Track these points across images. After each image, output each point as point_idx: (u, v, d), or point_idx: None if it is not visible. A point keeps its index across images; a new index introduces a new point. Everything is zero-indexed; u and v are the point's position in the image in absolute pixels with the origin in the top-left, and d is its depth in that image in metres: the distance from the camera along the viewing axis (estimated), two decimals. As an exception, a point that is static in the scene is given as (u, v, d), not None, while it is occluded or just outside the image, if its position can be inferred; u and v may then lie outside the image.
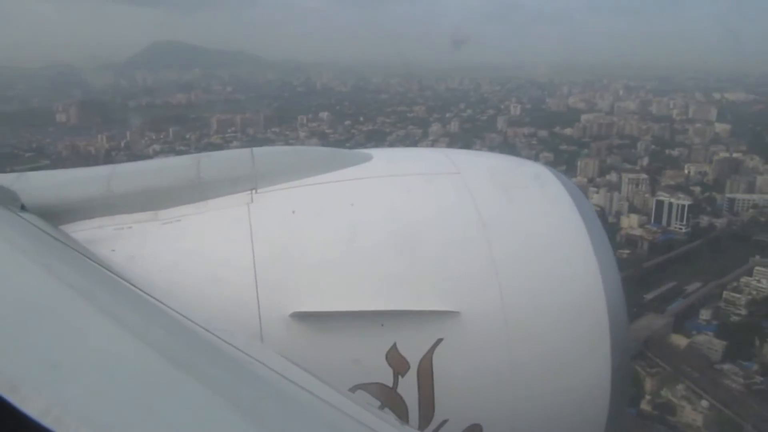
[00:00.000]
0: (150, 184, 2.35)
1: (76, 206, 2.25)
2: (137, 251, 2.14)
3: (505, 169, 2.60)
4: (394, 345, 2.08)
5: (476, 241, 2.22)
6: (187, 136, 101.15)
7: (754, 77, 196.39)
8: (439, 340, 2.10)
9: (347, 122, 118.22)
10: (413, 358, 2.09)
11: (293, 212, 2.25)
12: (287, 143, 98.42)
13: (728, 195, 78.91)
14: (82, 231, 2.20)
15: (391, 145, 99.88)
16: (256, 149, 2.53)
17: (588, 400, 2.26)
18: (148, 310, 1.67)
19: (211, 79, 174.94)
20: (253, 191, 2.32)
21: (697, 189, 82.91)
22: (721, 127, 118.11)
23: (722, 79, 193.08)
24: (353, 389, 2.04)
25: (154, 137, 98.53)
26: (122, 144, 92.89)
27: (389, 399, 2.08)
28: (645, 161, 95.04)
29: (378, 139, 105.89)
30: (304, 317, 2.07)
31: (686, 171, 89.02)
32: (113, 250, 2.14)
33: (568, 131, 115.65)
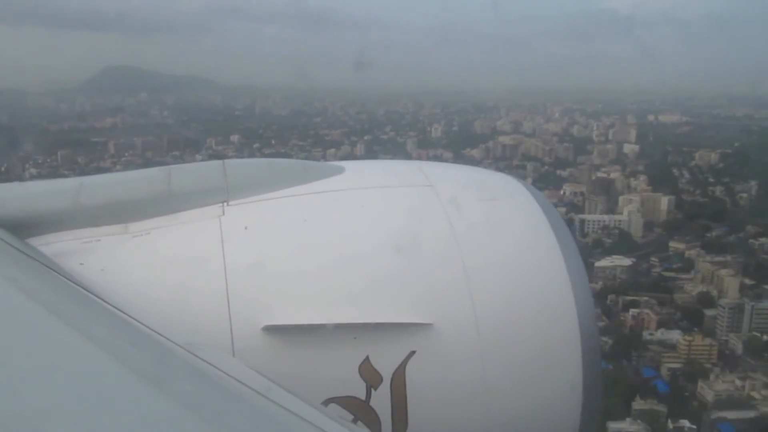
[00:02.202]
0: (120, 196, 2.32)
1: (43, 219, 2.22)
2: (106, 265, 2.12)
3: (477, 182, 2.61)
4: (367, 358, 2.07)
5: (449, 253, 2.22)
6: (78, 160, 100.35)
7: (702, 100, 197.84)
8: (412, 353, 2.09)
9: (256, 145, 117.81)
10: (386, 370, 2.08)
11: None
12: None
13: (580, 216, 77.98)
14: (49, 244, 2.17)
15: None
16: (228, 161, 2.51)
17: (560, 410, 2.27)
18: (117, 325, 1.66)
19: (153, 104, 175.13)
20: (225, 204, 2.30)
21: (563, 209, 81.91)
22: (629, 148, 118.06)
23: (666, 102, 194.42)
24: (326, 402, 2.03)
25: (40, 161, 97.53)
26: (2, 168, 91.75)
27: (362, 412, 2.07)
28: (528, 181, 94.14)
29: None
30: (276, 330, 2.05)
31: (562, 192, 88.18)
32: (82, 264, 2.11)
33: (474, 153, 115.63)
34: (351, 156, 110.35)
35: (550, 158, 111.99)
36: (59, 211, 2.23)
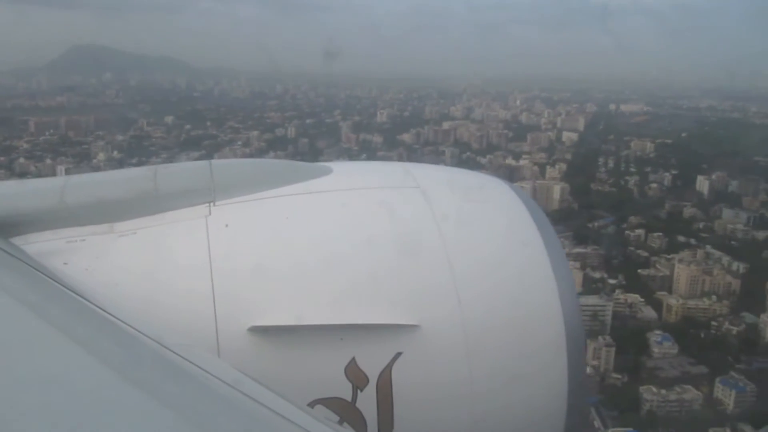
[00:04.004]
0: (105, 195, 2.31)
1: (27, 218, 2.21)
2: (91, 264, 2.11)
3: (463, 183, 2.65)
4: (353, 359, 2.07)
5: (435, 255, 2.24)
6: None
7: (675, 91, 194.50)
8: (399, 354, 2.10)
9: (187, 126, 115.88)
10: (372, 372, 2.08)
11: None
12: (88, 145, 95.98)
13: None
14: (33, 243, 2.16)
15: (210, 147, 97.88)
16: (214, 161, 2.52)
17: (546, 411, 2.29)
18: (102, 325, 1.65)
19: (112, 84, 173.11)
20: (211, 204, 2.30)
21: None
22: (567, 136, 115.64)
23: (637, 92, 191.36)
24: (312, 404, 2.03)
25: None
26: None
27: (348, 413, 2.08)
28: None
29: (193, 143, 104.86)
30: (262, 331, 2.05)
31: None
32: (66, 263, 2.10)
33: (406, 137, 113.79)
34: (282, 138, 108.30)
35: (481, 145, 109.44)
36: (44, 210, 2.21)
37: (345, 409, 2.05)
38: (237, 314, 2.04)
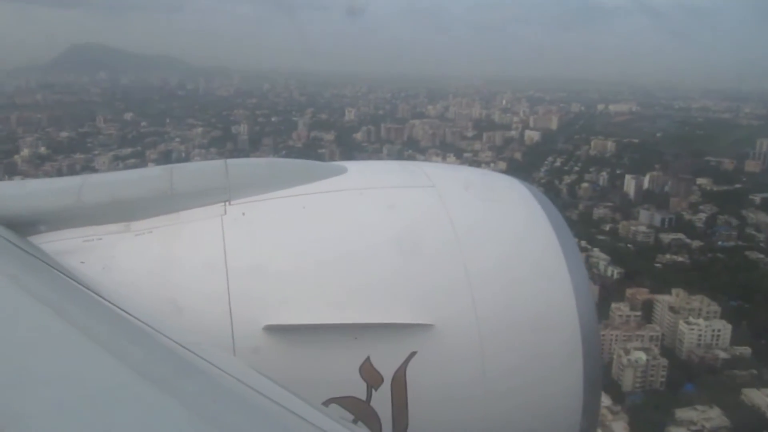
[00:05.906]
0: (121, 195, 2.34)
1: (45, 217, 2.23)
2: (108, 263, 2.13)
3: (478, 183, 2.63)
4: (368, 358, 2.07)
5: (450, 254, 2.23)
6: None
7: (677, 92, 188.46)
8: (413, 353, 2.09)
9: (143, 123, 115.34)
10: (387, 371, 2.08)
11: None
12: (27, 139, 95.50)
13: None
14: (51, 242, 2.18)
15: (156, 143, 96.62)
16: (230, 161, 2.53)
17: (561, 411, 2.28)
18: (118, 323, 1.67)
19: (102, 83, 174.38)
20: (227, 203, 2.31)
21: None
22: (529, 135, 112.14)
23: (636, 92, 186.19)
24: (326, 403, 2.04)
25: None
26: None
27: (363, 413, 2.07)
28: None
29: (138, 140, 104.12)
30: (277, 330, 2.06)
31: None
32: (83, 262, 2.11)
33: (358, 135, 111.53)
34: (230, 136, 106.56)
35: (433, 143, 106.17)
36: (61, 209, 2.24)
37: (360, 408, 2.05)
38: (252, 313, 2.04)
